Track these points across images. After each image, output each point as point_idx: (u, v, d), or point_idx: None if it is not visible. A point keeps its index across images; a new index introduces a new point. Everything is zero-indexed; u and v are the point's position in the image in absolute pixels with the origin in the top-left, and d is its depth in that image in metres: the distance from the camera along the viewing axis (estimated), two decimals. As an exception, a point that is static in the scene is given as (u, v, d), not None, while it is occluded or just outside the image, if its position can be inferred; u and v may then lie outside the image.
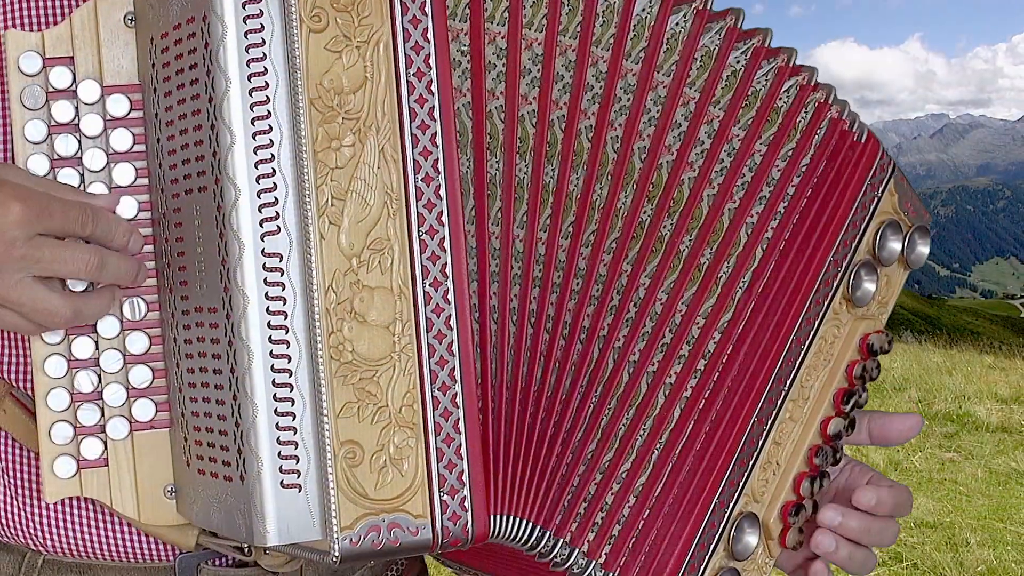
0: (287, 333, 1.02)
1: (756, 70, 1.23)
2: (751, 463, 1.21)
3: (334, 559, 1.02)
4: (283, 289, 1.02)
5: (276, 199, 1.02)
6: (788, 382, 1.23)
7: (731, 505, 1.20)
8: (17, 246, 1.04)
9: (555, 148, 1.16)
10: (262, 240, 1.02)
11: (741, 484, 1.20)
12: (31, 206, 1.05)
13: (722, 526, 1.19)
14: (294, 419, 1.03)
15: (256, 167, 1.02)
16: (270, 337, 1.02)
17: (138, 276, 1.15)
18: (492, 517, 1.10)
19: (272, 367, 1.02)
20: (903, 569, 5.74)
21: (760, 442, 1.21)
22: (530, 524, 1.13)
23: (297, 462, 1.03)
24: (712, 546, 1.19)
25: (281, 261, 1.02)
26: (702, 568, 1.19)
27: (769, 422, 1.22)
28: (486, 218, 1.13)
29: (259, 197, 1.02)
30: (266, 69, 1.02)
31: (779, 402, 1.23)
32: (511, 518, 1.12)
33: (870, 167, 1.29)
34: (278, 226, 1.02)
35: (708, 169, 1.21)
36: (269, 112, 1.02)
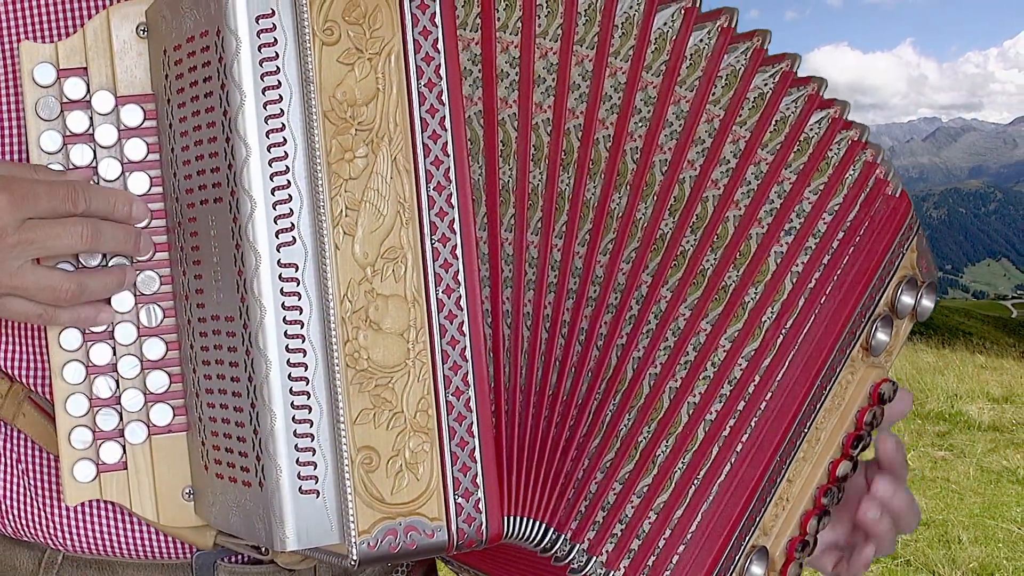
0: (304, 342, 1.04)
1: (783, 95, 1.23)
2: (769, 499, 1.23)
3: (352, 563, 1.05)
4: (299, 299, 1.04)
5: (291, 210, 1.04)
6: (809, 424, 1.25)
7: (748, 538, 1.22)
8: (9, 233, 1.06)
9: (571, 156, 1.17)
10: (278, 251, 1.03)
11: (758, 519, 1.22)
12: (15, 192, 1.06)
13: (738, 558, 1.21)
14: (311, 426, 1.04)
15: (271, 179, 1.03)
16: (287, 346, 1.04)
17: (140, 244, 1.16)
18: (506, 518, 1.12)
19: (289, 375, 1.04)
20: (896, 566, 5.79)
21: (779, 479, 1.23)
22: (543, 526, 1.14)
23: (315, 468, 1.05)
24: None
25: (297, 271, 1.04)
26: None
27: (789, 460, 1.24)
28: (498, 224, 1.14)
29: (274, 209, 1.03)
30: (280, 82, 1.03)
31: (799, 442, 1.25)
32: (525, 519, 1.14)
33: (902, 225, 1.30)
34: (293, 237, 1.04)
35: (733, 189, 1.21)
36: (283, 125, 1.03)
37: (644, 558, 1.16)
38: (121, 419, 1.19)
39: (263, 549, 1.25)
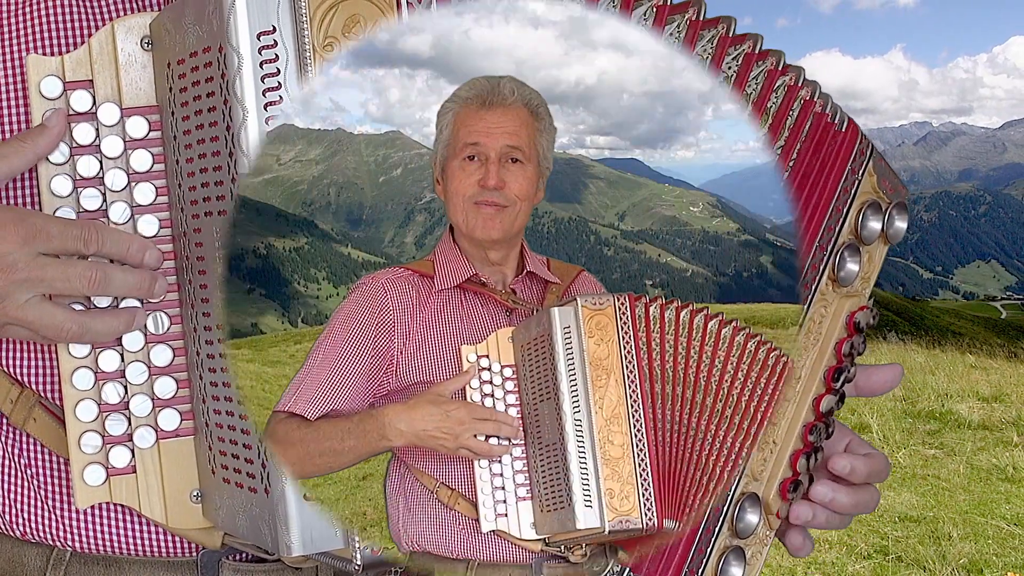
0: (307, 352, 1.06)
1: (748, 74, 1.26)
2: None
3: (356, 567, 1.07)
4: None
5: (294, 224, 1.06)
6: None
7: (733, 489, 1.24)
8: (19, 268, 1.08)
9: None
10: None
11: (741, 468, 1.24)
12: (28, 227, 1.09)
13: (725, 509, 1.23)
14: (315, 434, 1.07)
15: None
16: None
17: (154, 288, 1.17)
18: None
19: None
20: (887, 562, 5.83)
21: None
22: None
23: (319, 475, 1.07)
24: (717, 529, 1.23)
25: None
26: (709, 550, 1.23)
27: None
28: None
29: None
30: (281, 98, 1.05)
31: None
32: None
33: (850, 153, 1.31)
34: None
35: None
36: (285, 140, 1.05)
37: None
38: (130, 424, 1.21)
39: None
